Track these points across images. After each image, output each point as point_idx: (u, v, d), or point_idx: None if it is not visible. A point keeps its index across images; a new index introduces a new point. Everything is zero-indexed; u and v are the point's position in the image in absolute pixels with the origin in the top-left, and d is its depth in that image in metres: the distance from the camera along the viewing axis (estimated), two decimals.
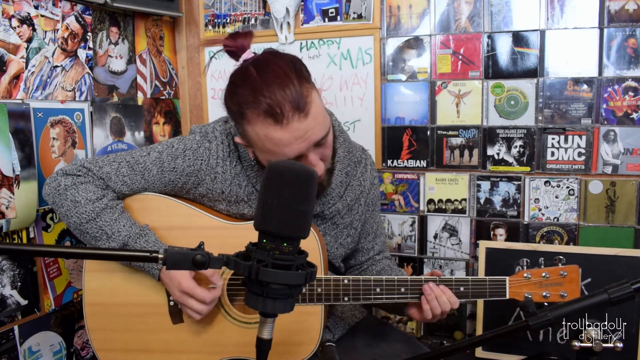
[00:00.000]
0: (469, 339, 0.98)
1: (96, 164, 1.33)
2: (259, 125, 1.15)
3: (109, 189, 1.32)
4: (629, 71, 1.74)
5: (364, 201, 1.48)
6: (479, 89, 1.90)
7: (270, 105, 1.12)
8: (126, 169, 1.33)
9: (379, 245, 1.56)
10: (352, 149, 1.47)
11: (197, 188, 1.35)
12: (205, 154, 1.33)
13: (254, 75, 1.16)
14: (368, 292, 1.29)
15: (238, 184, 1.34)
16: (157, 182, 1.34)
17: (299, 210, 0.74)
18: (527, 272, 1.29)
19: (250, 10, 2.13)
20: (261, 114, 1.13)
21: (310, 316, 1.32)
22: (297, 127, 1.13)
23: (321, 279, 1.29)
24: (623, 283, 0.84)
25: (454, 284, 1.30)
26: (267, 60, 1.19)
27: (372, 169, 1.54)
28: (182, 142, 1.36)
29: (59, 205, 1.31)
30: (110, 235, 1.27)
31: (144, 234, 1.29)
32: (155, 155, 1.34)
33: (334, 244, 1.43)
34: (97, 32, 1.80)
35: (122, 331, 1.35)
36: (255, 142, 1.20)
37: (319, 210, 1.38)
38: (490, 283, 1.30)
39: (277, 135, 1.14)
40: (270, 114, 1.12)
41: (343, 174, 1.42)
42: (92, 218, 1.27)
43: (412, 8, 1.94)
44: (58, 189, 1.31)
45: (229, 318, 1.33)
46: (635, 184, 1.77)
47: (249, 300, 0.76)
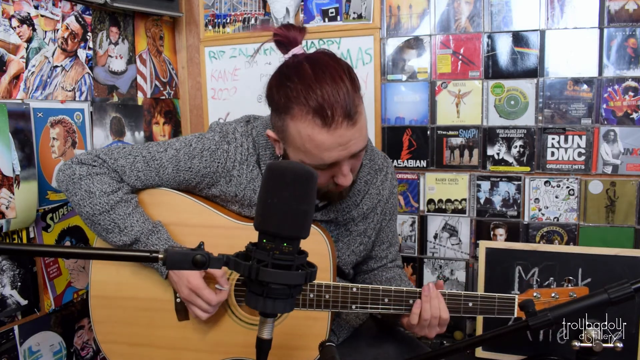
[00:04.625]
0: (469, 339, 0.98)
1: (111, 156, 1.31)
2: (304, 123, 1.11)
3: (123, 183, 1.31)
4: (629, 71, 1.74)
5: (380, 210, 1.46)
6: (479, 89, 1.90)
7: (321, 105, 1.09)
8: (142, 164, 1.31)
9: (393, 254, 1.54)
10: (374, 157, 1.45)
11: (210, 189, 1.34)
12: (222, 156, 1.31)
13: (309, 71, 1.12)
14: (376, 302, 1.27)
15: (253, 189, 1.32)
16: (171, 180, 1.33)
17: (299, 210, 0.74)
18: (536, 292, 1.26)
19: (250, 10, 2.13)
20: (310, 111, 1.10)
21: (317, 322, 1.31)
22: (342, 134, 1.11)
23: (330, 285, 1.27)
24: (623, 283, 0.84)
25: (463, 299, 1.27)
26: (323, 60, 1.15)
27: (392, 178, 1.50)
28: (200, 142, 1.33)
29: (72, 194, 1.29)
30: (123, 229, 1.26)
31: (156, 230, 1.28)
32: (172, 152, 1.32)
33: (345, 251, 1.41)
34: (97, 32, 1.80)
35: (127, 325, 1.35)
36: (293, 139, 1.15)
37: (333, 217, 1.36)
38: (499, 300, 1.27)
39: (321, 137, 1.11)
40: (319, 114, 1.09)
41: (362, 182, 1.39)
42: (105, 210, 1.26)
43: (412, 8, 1.94)
44: (72, 177, 1.29)
45: (234, 319, 1.33)
46: (635, 184, 1.77)
47: (249, 300, 0.76)
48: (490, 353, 1.83)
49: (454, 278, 2.01)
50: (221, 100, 2.21)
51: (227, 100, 2.20)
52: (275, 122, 1.20)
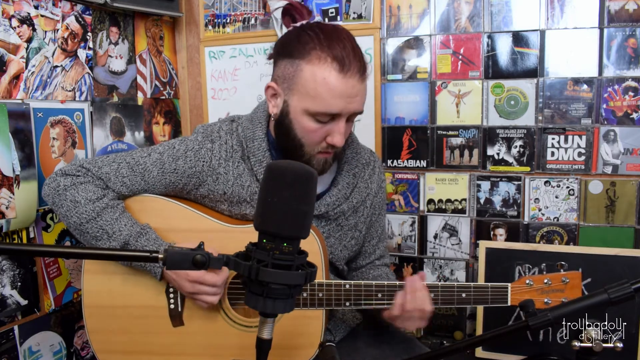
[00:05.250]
0: (469, 339, 0.98)
1: (95, 164, 1.32)
2: (321, 67, 1.18)
3: (108, 189, 1.32)
4: (629, 71, 1.74)
5: (370, 204, 1.47)
6: (479, 89, 1.90)
7: (340, 53, 1.17)
8: (126, 169, 1.32)
9: (381, 250, 1.55)
10: (360, 151, 1.46)
11: (198, 189, 1.34)
12: (207, 155, 1.32)
13: (330, 27, 1.23)
14: (370, 298, 1.27)
15: (240, 185, 1.33)
16: (158, 183, 1.33)
17: (299, 210, 0.74)
18: (529, 279, 1.28)
19: (250, 10, 2.13)
20: (329, 57, 1.17)
21: (312, 320, 1.31)
22: (353, 85, 1.19)
23: (322, 283, 1.27)
24: (623, 283, 0.84)
25: (456, 290, 1.28)
26: (337, 26, 1.25)
27: (380, 172, 1.52)
28: (183, 143, 1.35)
29: (59, 206, 1.30)
30: (112, 235, 1.26)
31: (144, 232, 1.28)
32: (156, 156, 1.33)
33: (337, 246, 1.42)
34: (97, 32, 1.80)
35: (122, 333, 1.35)
36: (304, 83, 1.20)
37: (324, 211, 1.37)
38: (492, 290, 1.28)
39: (336, 82, 1.17)
40: (337, 60, 1.17)
41: (350, 175, 1.41)
42: (92, 217, 1.27)
43: (412, 8, 1.94)
44: (57, 189, 1.30)
45: (229, 321, 1.33)
46: (635, 184, 1.77)
47: (249, 300, 0.76)
48: (490, 353, 1.83)
49: (454, 278, 2.01)
50: (221, 100, 2.21)
51: (227, 100, 2.20)
52: (284, 69, 1.24)
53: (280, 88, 1.26)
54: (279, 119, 1.28)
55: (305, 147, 1.27)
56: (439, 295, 1.27)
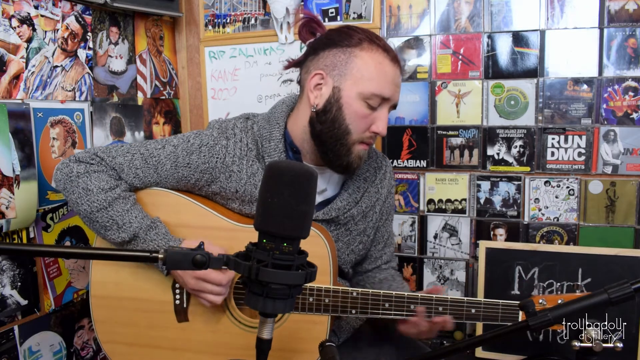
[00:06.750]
0: (469, 339, 0.98)
1: (109, 154, 1.31)
2: (376, 53, 1.26)
3: (121, 180, 1.31)
4: (629, 71, 1.74)
5: (379, 209, 1.46)
6: (479, 89, 1.90)
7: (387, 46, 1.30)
8: (139, 161, 1.31)
9: (388, 255, 1.54)
10: (371, 154, 1.46)
11: (210, 186, 1.33)
12: (221, 151, 1.31)
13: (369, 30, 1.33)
14: (377, 307, 1.26)
15: (253, 184, 1.32)
16: (170, 177, 1.32)
17: (299, 209, 0.74)
18: (542, 298, 1.24)
19: (250, 10, 2.13)
20: (379, 48, 1.27)
21: (317, 325, 1.30)
22: (399, 75, 1.31)
23: (330, 289, 1.26)
24: (623, 283, 0.84)
25: (466, 305, 1.26)
26: None
27: (390, 177, 1.52)
28: (198, 137, 1.33)
29: (70, 192, 1.29)
30: (121, 226, 1.25)
31: (154, 226, 1.27)
32: (170, 149, 1.32)
33: (345, 250, 1.41)
34: (97, 32, 1.80)
35: (128, 325, 1.35)
36: (359, 68, 1.26)
37: (334, 215, 1.36)
38: (503, 308, 1.25)
39: (389, 68, 1.27)
40: (387, 50, 1.28)
41: (361, 179, 1.40)
42: (103, 207, 1.26)
43: (412, 8, 1.94)
44: (70, 175, 1.28)
45: (234, 321, 1.33)
46: (635, 184, 1.77)
47: (249, 300, 0.76)
48: (490, 353, 1.83)
49: (454, 278, 2.01)
50: (221, 100, 2.21)
51: (227, 100, 2.20)
52: (334, 58, 1.28)
53: (329, 76, 1.27)
54: (325, 107, 1.28)
55: (352, 135, 1.27)
56: (448, 309, 1.25)
